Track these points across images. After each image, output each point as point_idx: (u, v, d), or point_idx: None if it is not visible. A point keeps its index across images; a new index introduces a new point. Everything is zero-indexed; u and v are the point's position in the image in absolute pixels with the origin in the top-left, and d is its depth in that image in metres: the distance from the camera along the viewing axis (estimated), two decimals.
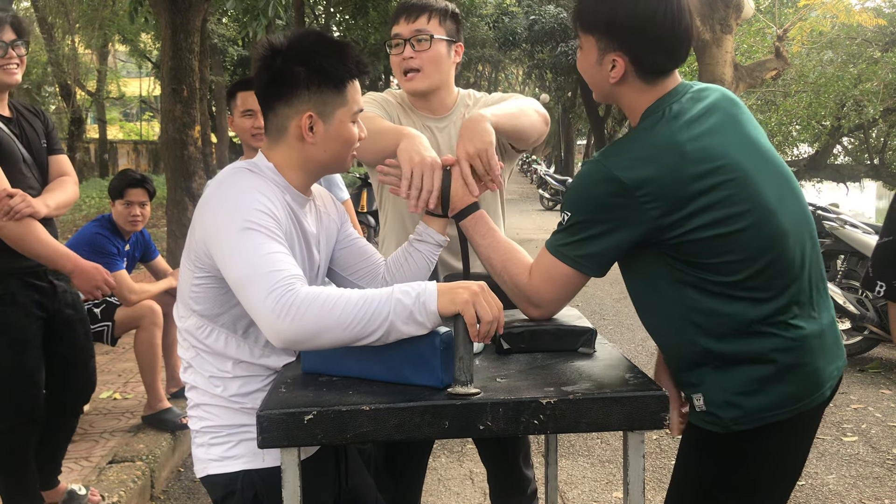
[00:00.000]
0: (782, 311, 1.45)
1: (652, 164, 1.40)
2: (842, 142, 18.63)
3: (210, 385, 1.53)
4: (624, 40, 1.45)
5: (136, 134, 32.94)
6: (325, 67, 1.47)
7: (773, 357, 1.44)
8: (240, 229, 1.37)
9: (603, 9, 1.46)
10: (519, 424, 1.27)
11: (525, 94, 28.52)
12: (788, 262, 1.46)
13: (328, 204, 1.75)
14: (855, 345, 5.26)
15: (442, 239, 1.76)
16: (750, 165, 1.45)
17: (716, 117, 1.48)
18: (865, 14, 12.75)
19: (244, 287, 1.33)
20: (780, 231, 1.45)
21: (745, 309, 1.43)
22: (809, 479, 3.37)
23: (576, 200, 1.47)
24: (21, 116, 2.54)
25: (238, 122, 2.90)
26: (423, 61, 1.94)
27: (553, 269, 1.51)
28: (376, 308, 1.28)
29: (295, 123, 1.49)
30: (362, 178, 10.30)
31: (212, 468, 1.53)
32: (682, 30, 1.46)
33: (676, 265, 1.45)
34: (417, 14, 1.93)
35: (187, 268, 1.51)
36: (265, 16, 8.01)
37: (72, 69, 19.59)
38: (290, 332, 1.28)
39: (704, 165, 1.40)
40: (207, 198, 1.47)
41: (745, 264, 1.42)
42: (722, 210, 1.40)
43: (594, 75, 1.53)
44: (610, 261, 1.49)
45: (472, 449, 3.73)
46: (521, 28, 20.82)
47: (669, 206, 1.39)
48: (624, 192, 1.40)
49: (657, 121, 1.46)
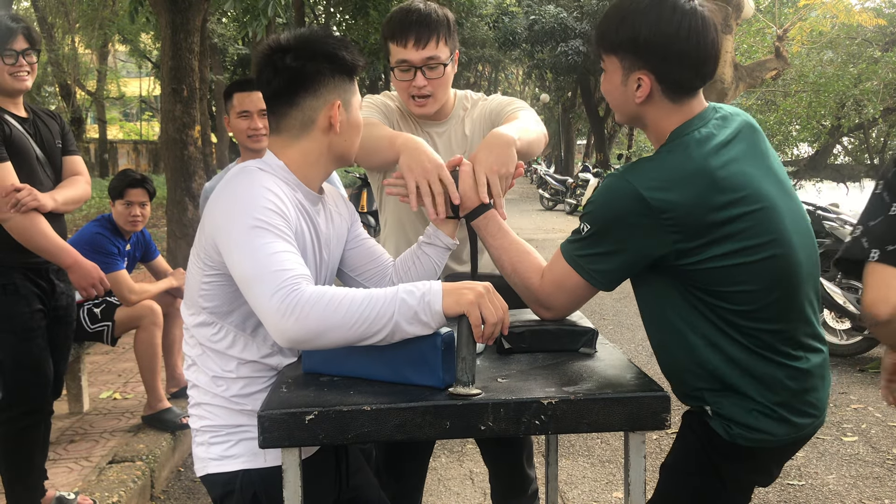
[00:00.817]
0: (793, 341, 1.47)
1: (680, 189, 1.38)
2: (842, 142, 18.63)
3: (212, 384, 1.53)
4: (649, 58, 1.42)
5: (136, 134, 32.94)
6: (345, 57, 1.52)
7: (786, 384, 1.46)
8: (248, 227, 1.37)
9: (625, 27, 1.44)
10: (520, 425, 1.27)
11: (525, 94, 28.48)
12: (802, 294, 1.47)
13: (339, 203, 1.75)
14: (855, 345, 5.26)
15: (451, 242, 1.76)
16: (773, 196, 1.44)
17: (742, 145, 1.46)
18: (865, 14, 12.76)
19: (250, 285, 1.33)
20: (796, 263, 1.46)
21: (756, 338, 1.44)
22: (809, 479, 3.37)
23: (598, 214, 1.45)
24: (37, 117, 2.65)
25: (234, 123, 2.89)
26: (434, 87, 1.93)
27: (566, 277, 1.51)
28: (381, 308, 1.29)
29: (324, 114, 1.51)
30: (362, 178, 10.29)
31: (211, 467, 1.53)
32: (707, 45, 1.42)
33: (690, 290, 1.45)
34: (426, 39, 1.87)
35: (196, 266, 1.52)
36: (265, 16, 7.99)
37: (72, 69, 19.61)
38: (294, 332, 1.28)
39: (732, 195, 1.39)
40: (217, 195, 1.47)
41: (760, 294, 1.42)
42: (744, 241, 1.40)
43: (619, 97, 1.50)
44: (623, 278, 1.49)
45: (472, 449, 3.73)
46: (521, 28, 20.82)
47: (692, 233, 1.38)
48: (649, 212, 1.38)
49: (687, 144, 1.43)
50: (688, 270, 1.42)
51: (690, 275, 1.42)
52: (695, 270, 1.41)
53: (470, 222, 1.70)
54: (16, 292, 2.51)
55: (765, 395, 1.45)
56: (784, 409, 1.46)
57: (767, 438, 1.46)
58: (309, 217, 1.55)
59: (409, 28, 1.86)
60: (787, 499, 3.20)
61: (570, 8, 21.06)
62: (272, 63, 1.50)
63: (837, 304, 5.04)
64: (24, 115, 2.59)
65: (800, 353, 1.48)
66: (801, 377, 1.47)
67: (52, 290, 2.66)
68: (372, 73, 19.46)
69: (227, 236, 1.39)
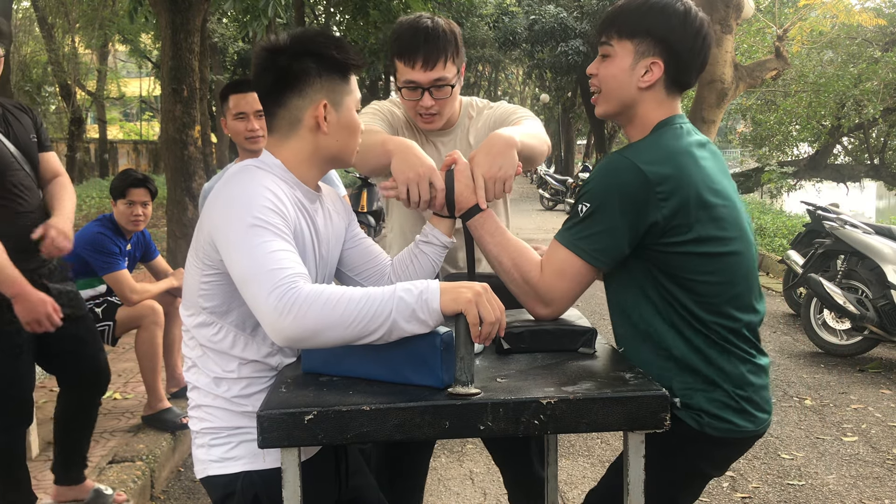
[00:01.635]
0: (748, 339, 1.56)
1: (673, 164, 1.48)
2: (842, 142, 18.61)
3: (213, 386, 1.52)
4: (667, 48, 1.54)
5: (136, 134, 32.91)
6: (334, 56, 1.51)
7: (748, 379, 1.54)
8: (246, 226, 1.37)
9: (653, 15, 1.54)
10: (519, 424, 1.28)
11: (525, 94, 28.50)
12: (755, 294, 1.58)
13: (336, 203, 1.75)
14: (855, 345, 5.26)
15: (448, 241, 1.76)
16: (736, 199, 1.59)
17: (709, 149, 1.60)
18: (865, 14, 12.74)
19: (248, 284, 1.34)
20: (753, 265, 1.58)
21: (718, 332, 1.52)
22: (809, 479, 3.38)
23: (598, 190, 1.50)
24: (7, 112, 2.52)
25: (231, 125, 2.87)
26: (441, 106, 1.93)
27: (567, 264, 1.53)
28: (378, 306, 1.29)
29: (310, 114, 1.51)
30: (362, 178, 10.28)
31: (212, 469, 1.53)
32: (709, 54, 1.59)
33: (661, 278, 1.52)
34: (434, 60, 1.86)
35: (195, 265, 1.51)
36: (265, 15, 8.00)
37: (72, 69, 19.59)
38: (291, 330, 1.28)
39: (711, 184, 1.51)
40: (216, 194, 1.47)
41: (723, 288, 1.52)
42: (717, 229, 1.50)
43: (622, 80, 1.57)
44: (622, 255, 1.52)
45: (473, 449, 3.73)
46: (521, 28, 20.83)
47: (678, 207, 1.46)
48: (645, 183, 1.46)
49: (675, 130, 1.56)
50: (665, 253, 1.50)
51: (666, 259, 1.50)
52: (672, 254, 1.49)
53: (465, 222, 1.70)
54: (9, 308, 2.38)
55: (731, 387, 1.52)
56: (747, 403, 1.53)
57: (734, 429, 1.52)
58: (308, 215, 1.55)
59: (417, 49, 1.85)
60: (787, 499, 3.21)
61: (570, 8, 21.07)
62: (262, 63, 1.52)
63: (837, 304, 5.04)
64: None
65: (754, 351, 1.57)
66: (760, 373, 1.57)
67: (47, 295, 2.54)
68: (372, 73, 19.46)
69: (225, 235, 1.39)
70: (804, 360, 5.28)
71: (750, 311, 1.56)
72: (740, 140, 22.38)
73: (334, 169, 1.73)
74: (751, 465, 3.55)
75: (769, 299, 7.17)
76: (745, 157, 23.79)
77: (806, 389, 4.65)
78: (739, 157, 27.31)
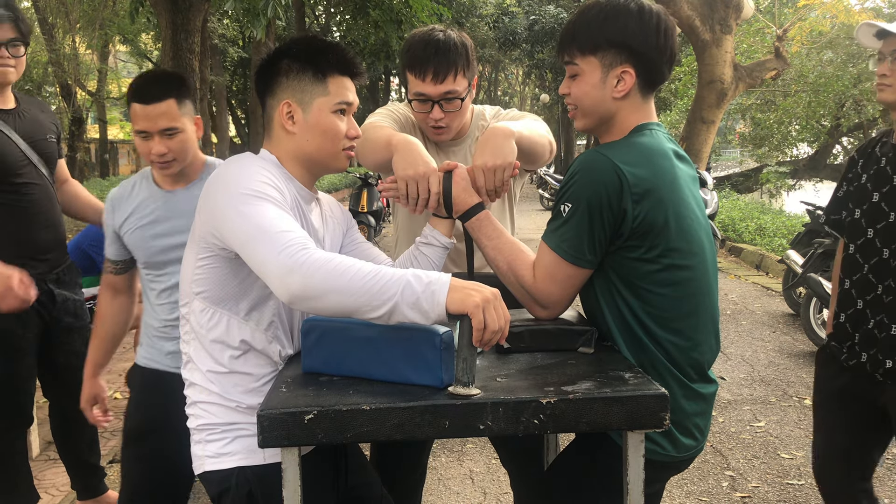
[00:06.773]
0: (696, 364, 1.55)
1: (648, 166, 1.48)
2: (841, 142, 18.61)
3: (206, 381, 1.54)
4: (632, 53, 1.51)
5: None
6: (303, 56, 1.53)
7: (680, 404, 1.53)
8: (248, 197, 1.40)
9: (610, 25, 1.52)
10: (519, 424, 1.28)
11: (525, 94, 28.50)
12: (710, 318, 1.57)
13: (334, 208, 1.77)
14: None
15: (448, 242, 1.76)
16: (702, 218, 1.58)
17: (682, 160, 1.60)
18: (865, 14, 12.76)
19: (253, 245, 1.34)
20: (711, 287, 1.57)
21: (665, 350, 1.52)
22: (809, 479, 3.37)
23: (578, 189, 1.48)
24: (23, 108, 2.49)
25: (136, 142, 2.08)
26: (450, 119, 1.93)
27: (556, 268, 1.53)
28: (385, 284, 1.28)
29: (277, 113, 1.55)
30: (362, 178, 10.29)
31: (208, 465, 1.54)
32: (674, 42, 1.56)
33: (619, 285, 1.52)
34: (445, 73, 1.85)
35: (191, 253, 1.54)
36: (265, 16, 8.00)
37: (72, 69, 19.59)
38: (298, 287, 1.28)
39: (683, 195, 1.52)
40: (212, 181, 1.49)
41: (679, 303, 1.51)
42: (681, 241, 1.50)
43: (596, 96, 1.56)
44: (605, 254, 1.53)
45: (473, 448, 3.73)
46: (521, 28, 20.84)
47: (649, 209, 1.46)
48: (622, 184, 1.45)
49: (652, 133, 1.55)
50: (627, 259, 1.50)
51: (627, 265, 1.50)
52: (633, 260, 1.49)
53: (464, 223, 1.70)
54: None
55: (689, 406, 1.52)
56: (674, 427, 1.51)
57: (657, 450, 1.51)
58: (302, 211, 1.57)
59: (427, 62, 1.85)
60: (787, 498, 3.21)
61: (570, 8, 21.08)
62: (258, 67, 1.61)
63: None
64: (11, 106, 2.44)
65: (697, 377, 1.56)
66: (698, 400, 1.55)
67: (53, 301, 2.55)
68: (372, 74, 19.47)
69: (224, 210, 1.41)
70: (804, 359, 5.28)
71: (701, 334, 1.55)
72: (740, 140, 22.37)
73: (327, 174, 1.72)
74: (750, 464, 3.55)
75: (769, 299, 7.17)
76: (745, 157, 23.78)
77: (805, 389, 4.65)
78: (739, 158, 27.30)
